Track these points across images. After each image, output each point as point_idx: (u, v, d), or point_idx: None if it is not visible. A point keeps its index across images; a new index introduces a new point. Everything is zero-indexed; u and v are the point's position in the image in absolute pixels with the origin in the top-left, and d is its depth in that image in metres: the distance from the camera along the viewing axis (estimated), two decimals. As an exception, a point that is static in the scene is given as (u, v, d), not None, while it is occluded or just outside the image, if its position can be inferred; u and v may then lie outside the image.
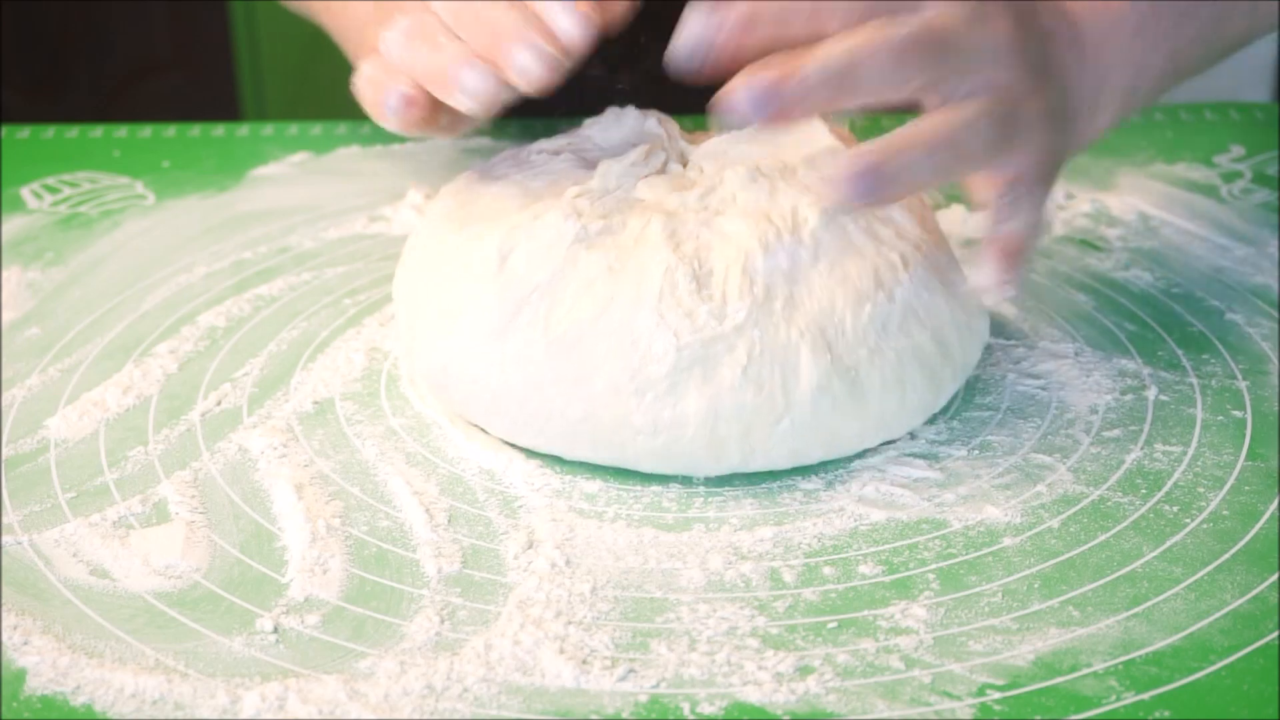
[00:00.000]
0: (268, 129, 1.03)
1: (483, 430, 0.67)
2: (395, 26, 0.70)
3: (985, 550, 0.60)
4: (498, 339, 0.65)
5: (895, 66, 0.62)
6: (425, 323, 0.68)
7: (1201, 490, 0.64)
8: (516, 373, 0.64)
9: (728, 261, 0.64)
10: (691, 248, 0.64)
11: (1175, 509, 0.63)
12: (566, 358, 0.63)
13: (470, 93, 0.66)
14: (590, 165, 0.71)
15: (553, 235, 0.65)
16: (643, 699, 0.53)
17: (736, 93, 0.61)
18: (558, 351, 0.63)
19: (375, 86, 0.70)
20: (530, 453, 0.66)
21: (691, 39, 0.62)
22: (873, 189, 0.62)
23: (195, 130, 1.01)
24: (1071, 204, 0.90)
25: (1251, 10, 0.78)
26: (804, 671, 0.54)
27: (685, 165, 0.71)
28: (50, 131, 1.01)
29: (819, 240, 0.65)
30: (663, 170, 0.70)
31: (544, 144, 0.73)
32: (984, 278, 0.67)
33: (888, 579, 0.59)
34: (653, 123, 0.73)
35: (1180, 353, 0.74)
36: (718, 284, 0.64)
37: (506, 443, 0.67)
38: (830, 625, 0.56)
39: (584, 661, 0.54)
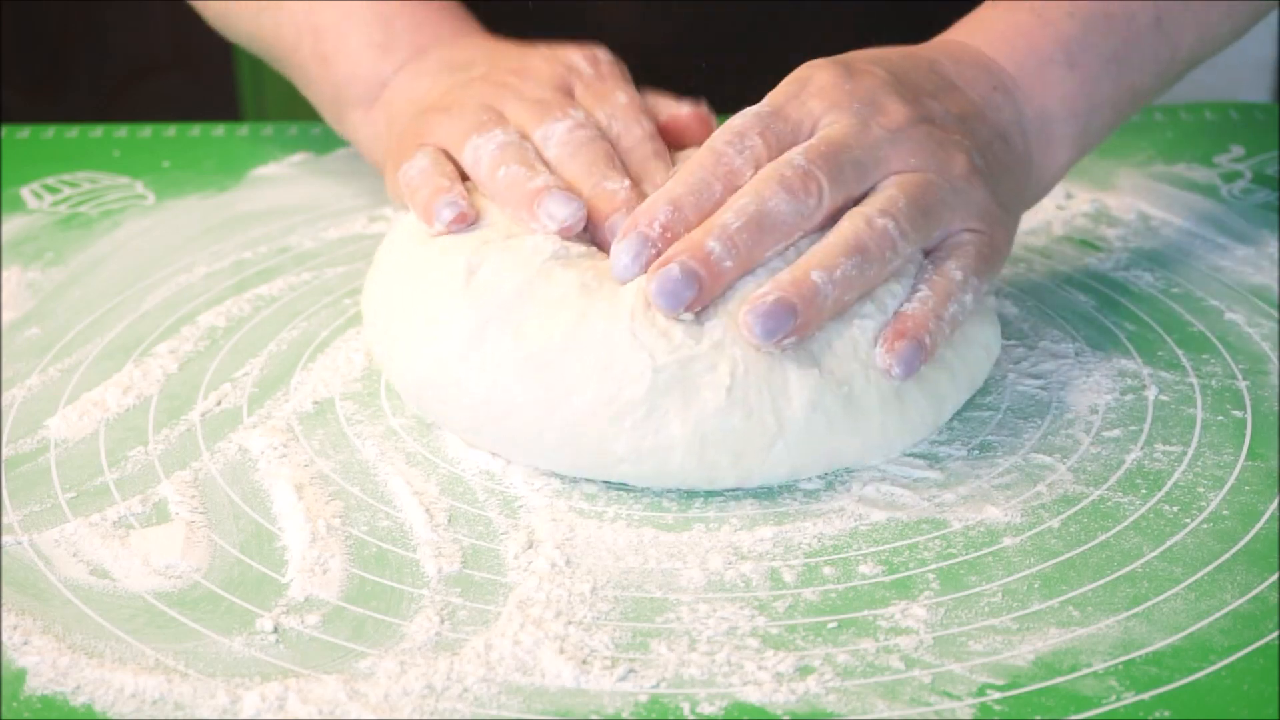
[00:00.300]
0: (268, 129, 1.03)
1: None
2: (489, 139, 0.70)
3: (985, 550, 0.60)
4: (468, 354, 0.64)
5: (799, 198, 0.63)
6: (397, 337, 0.67)
7: (1201, 490, 0.64)
8: (490, 392, 0.63)
9: None
10: None
11: (1175, 509, 0.63)
12: (540, 378, 0.62)
13: (556, 219, 0.66)
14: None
15: (526, 252, 0.65)
16: (643, 699, 0.53)
17: (660, 301, 0.61)
18: (530, 371, 0.62)
19: (430, 185, 0.70)
20: (530, 453, 0.66)
21: (630, 267, 0.63)
22: (782, 327, 0.61)
23: (195, 130, 1.01)
24: (1071, 204, 0.90)
25: (1199, 23, 0.78)
26: (804, 671, 0.54)
27: None
28: (50, 131, 1.01)
29: (803, 253, 0.64)
30: None
31: None
32: (876, 356, 0.64)
33: (888, 579, 0.59)
34: None
35: (1180, 353, 0.74)
36: None
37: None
38: (830, 625, 0.56)
39: (584, 661, 0.54)
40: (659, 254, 0.62)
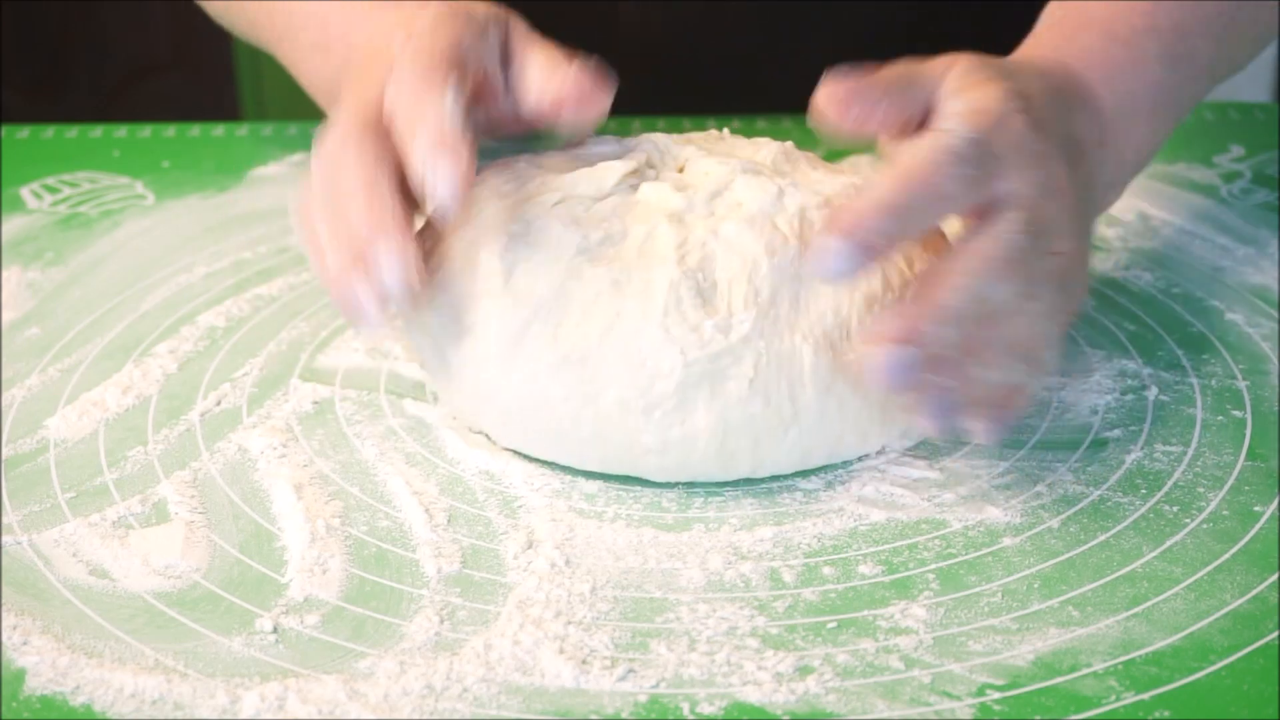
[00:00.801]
0: (268, 129, 1.03)
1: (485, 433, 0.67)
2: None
3: (985, 550, 0.60)
4: (510, 354, 0.64)
5: (1015, 284, 0.61)
6: (439, 341, 0.67)
7: (1201, 490, 0.64)
8: (525, 389, 0.63)
9: (732, 272, 0.63)
10: (696, 258, 0.64)
11: (1175, 509, 0.63)
12: (575, 375, 0.62)
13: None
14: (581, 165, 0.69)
15: (554, 247, 0.65)
16: (642, 699, 0.53)
17: (830, 247, 0.59)
18: (565, 369, 0.63)
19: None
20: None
21: (843, 273, 0.59)
22: (911, 372, 0.59)
23: (195, 130, 1.01)
24: (1071, 204, 0.90)
25: (1230, 61, 0.79)
26: (804, 671, 0.54)
27: (682, 170, 0.70)
28: (50, 131, 1.01)
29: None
30: (642, 174, 0.69)
31: (533, 155, 0.72)
32: (977, 430, 0.61)
33: (887, 579, 0.59)
34: (648, 142, 0.72)
35: (1180, 353, 0.74)
36: (723, 295, 0.63)
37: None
38: (830, 625, 0.56)
39: (584, 661, 0.54)
40: (872, 260, 0.60)
